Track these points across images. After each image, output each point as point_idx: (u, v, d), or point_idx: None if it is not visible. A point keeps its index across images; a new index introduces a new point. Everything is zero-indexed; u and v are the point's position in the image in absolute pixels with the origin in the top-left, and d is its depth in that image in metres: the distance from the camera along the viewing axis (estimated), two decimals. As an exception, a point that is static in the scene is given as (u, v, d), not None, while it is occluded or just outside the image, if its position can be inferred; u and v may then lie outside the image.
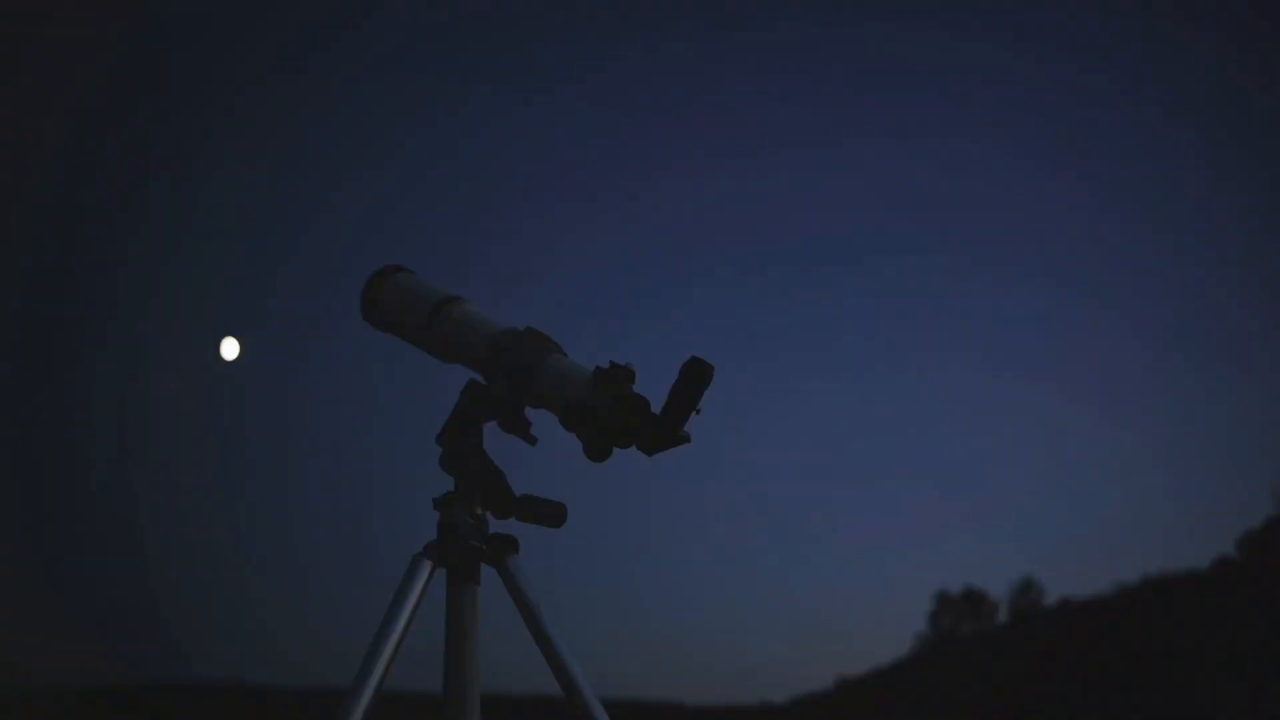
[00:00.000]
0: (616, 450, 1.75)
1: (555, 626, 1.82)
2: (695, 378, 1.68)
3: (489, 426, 1.91)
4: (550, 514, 1.87)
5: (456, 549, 1.84)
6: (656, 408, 1.71)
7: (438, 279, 2.09)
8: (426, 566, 1.82)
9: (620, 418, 1.72)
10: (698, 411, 1.70)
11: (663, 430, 1.71)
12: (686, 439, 1.72)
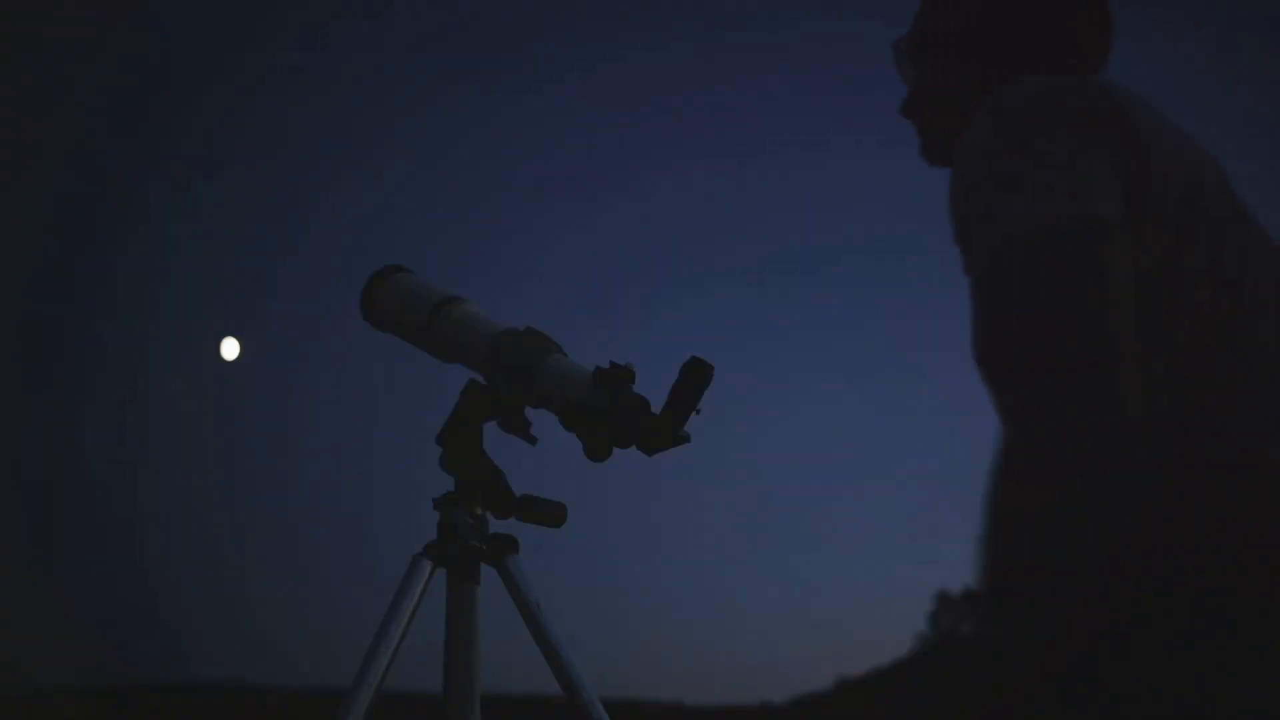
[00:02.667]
0: (616, 450, 1.75)
1: (555, 626, 1.82)
2: (695, 378, 1.68)
3: (489, 426, 1.90)
4: (550, 514, 1.87)
5: (456, 549, 1.84)
6: (656, 408, 1.71)
7: (438, 279, 2.09)
8: (426, 566, 1.82)
9: (620, 418, 1.72)
10: (698, 412, 1.70)
11: (663, 430, 1.70)
12: (686, 439, 1.72)
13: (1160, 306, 1.21)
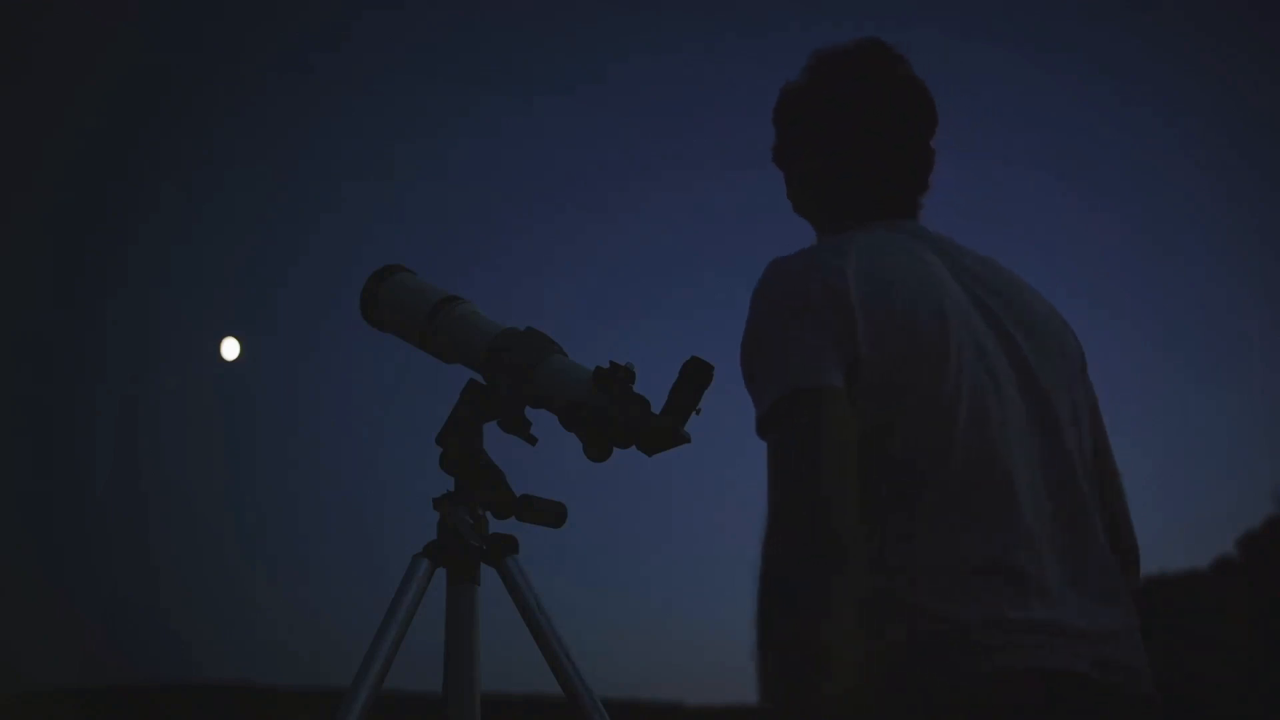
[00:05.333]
0: (616, 450, 1.75)
1: (555, 626, 1.82)
2: (695, 378, 1.68)
3: (489, 426, 1.91)
4: (550, 514, 1.87)
5: (456, 549, 1.84)
6: (656, 408, 1.71)
7: (440, 279, 2.09)
8: (426, 566, 1.82)
9: (620, 418, 1.72)
10: (698, 412, 1.70)
11: (663, 430, 1.71)
12: (686, 439, 1.72)
13: (873, 458, 1.37)
